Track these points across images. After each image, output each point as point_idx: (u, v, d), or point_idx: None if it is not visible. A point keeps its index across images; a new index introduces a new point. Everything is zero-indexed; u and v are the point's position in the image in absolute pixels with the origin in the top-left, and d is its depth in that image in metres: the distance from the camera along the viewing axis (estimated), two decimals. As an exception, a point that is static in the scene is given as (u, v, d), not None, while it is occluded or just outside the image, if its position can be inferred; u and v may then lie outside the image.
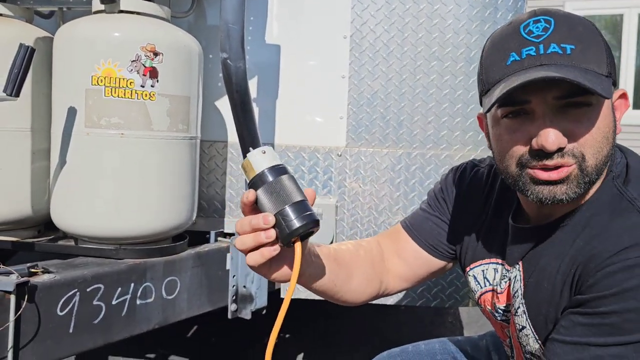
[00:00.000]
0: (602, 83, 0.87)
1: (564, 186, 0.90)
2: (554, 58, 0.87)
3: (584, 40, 0.89)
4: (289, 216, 0.84)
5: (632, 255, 0.82)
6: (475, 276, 1.20)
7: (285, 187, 0.86)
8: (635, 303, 0.80)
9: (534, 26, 0.90)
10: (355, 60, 2.02)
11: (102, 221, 1.64)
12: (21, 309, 1.34)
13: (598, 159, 0.91)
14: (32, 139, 1.74)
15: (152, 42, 1.60)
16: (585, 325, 0.85)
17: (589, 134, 0.89)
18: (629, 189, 0.92)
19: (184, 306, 1.77)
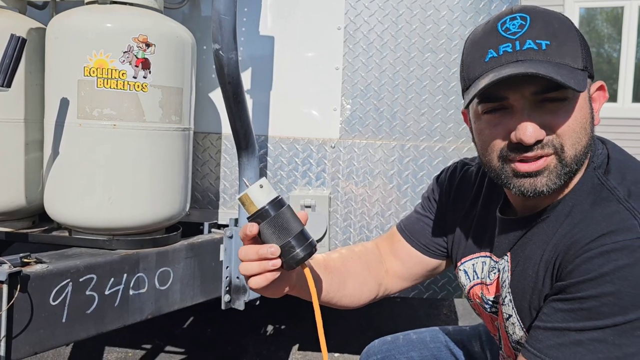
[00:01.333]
0: (577, 77, 0.89)
1: (543, 178, 0.93)
2: (530, 54, 0.90)
3: (559, 35, 0.91)
4: (293, 248, 0.93)
5: (608, 241, 0.84)
6: (466, 270, 1.23)
7: (287, 221, 0.94)
8: (611, 287, 0.81)
9: (511, 23, 0.93)
10: (349, 52, 2.02)
11: (95, 212, 1.65)
12: (13, 298, 1.35)
13: (577, 150, 0.93)
14: (25, 130, 1.74)
15: (144, 33, 1.60)
16: (565, 311, 0.86)
17: (567, 126, 0.91)
18: (609, 178, 0.94)
19: (177, 297, 1.78)
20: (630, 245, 0.82)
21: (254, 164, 1.87)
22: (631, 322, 0.80)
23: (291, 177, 2.07)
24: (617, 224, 0.85)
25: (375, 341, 1.62)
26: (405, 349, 1.53)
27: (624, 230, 0.84)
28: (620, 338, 0.81)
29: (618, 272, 0.81)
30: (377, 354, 1.55)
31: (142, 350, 2.89)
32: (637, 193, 0.90)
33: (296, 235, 0.94)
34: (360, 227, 2.04)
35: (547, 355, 0.86)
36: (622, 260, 0.81)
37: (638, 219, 0.85)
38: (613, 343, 0.81)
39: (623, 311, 0.80)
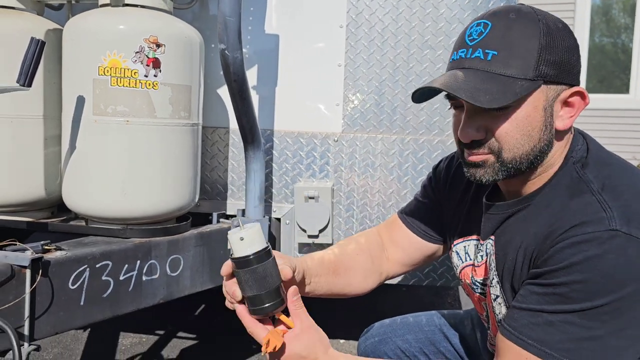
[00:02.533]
0: (508, 89, 0.96)
1: (481, 170, 1.05)
2: (475, 62, 0.99)
3: (512, 45, 0.98)
4: (262, 301, 1.03)
5: (579, 232, 0.91)
6: (458, 252, 1.32)
7: (264, 275, 1.02)
8: (579, 275, 0.88)
9: (475, 29, 1.02)
10: (350, 49, 2.10)
11: (110, 203, 1.75)
12: (36, 282, 1.45)
13: (516, 154, 1.02)
14: (44, 126, 1.85)
15: (154, 34, 1.69)
16: (539, 294, 0.94)
17: (504, 131, 1.00)
18: (586, 172, 1.01)
19: (187, 283, 1.89)
20: (599, 237, 0.88)
21: (259, 157, 1.96)
22: (598, 307, 0.87)
23: (296, 169, 2.16)
24: (589, 215, 0.92)
25: (374, 324, 1.70)
26: (401, 332, 1.62)
27: (594, 222, 0.90)
28: (588, 321, 0.88)
29: (587, 262, 0.88)
30: (375, 337, 1.64)
31: (155, 335, 3.01)
32: (610, 186, 0.96)
33: (268, 291, 1.02)
34: (362, 218, 2.13)
35: (521, 332, 0.94)
36: (591, 251, 0.88)
37: (607, 211, 0.91)
38: (581, 325, 0.88)
39: (591, 297, 0.87)
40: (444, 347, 1.58)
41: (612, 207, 0.92)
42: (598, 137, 1.12)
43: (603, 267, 0.87)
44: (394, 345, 1.59)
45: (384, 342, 1.60)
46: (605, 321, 0.87)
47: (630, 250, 0.87)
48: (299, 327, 1.05)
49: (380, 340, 1.61)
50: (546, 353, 0.90)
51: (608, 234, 0.88)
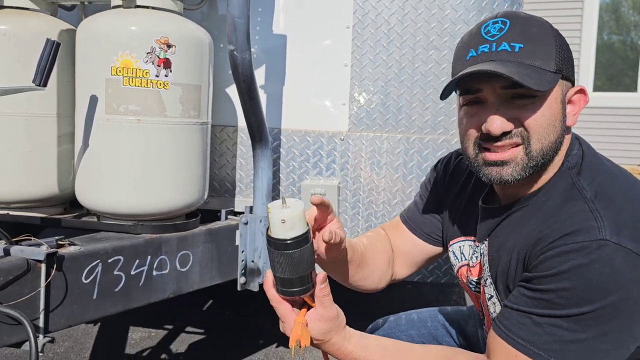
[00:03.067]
0: (542, 78, 0.99)
1: (509, 168, 1.04)
2: (503, 55, 1.02)
3: (534, 40, 1.02)
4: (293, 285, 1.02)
5: (569, 241, 0.93)
6: (454, 252, 1.34)
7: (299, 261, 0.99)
8: (567, 283, 0.92)
9: (492, 27, 1.05)
10: (357, 49, 2.14)
11: (122, 199, 1.80)
12: (50, 276, 1.50)
13: (543, 144, 1.03)
14: (58, 124, 1.89)
15: (165, 35, 1.73)
16: (529, 297, 0.97)
17: (533, 120, 1.02)
18: (580, 179, 1.03)
19: (197, 278, 1.93)
20: (587, 247, 0.91)
21: (267, 155, 2.00)
22: (584, 314, 0.91)
23: (303, 167, 2.20)
24: (580, 224, 0.94)
25: (379, 320, 1.74)
26: (405, 328, 1.65)
27: (584, 232, 0.93)
28: (574, 325, 0.92)
29: (574, 271, 0.91)
30: (379, 332, 1.67)
31: (164, 330, 3.06)
32: (602, 195, 0.98)
33: (300, 276, 1.01)
34: (368, 215, 2.17)
35: (510, 331, 0.98)
36: (579, 260, 0.91)
37: (598, 220, 0.93)
38: (567, 329, 0.92)
39: (577, 304, 0.91)
40: (446, 343, 1.61)
41: (604, 216, 0.94)
42: (606, 136, 1.14)
43: (589, 276, 0.90)
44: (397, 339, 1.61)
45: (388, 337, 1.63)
46: (590, 326, 0.91)
47: (617, 260, 0.90)
48: (321, 313, 1.06)
49: (384, 335, 1.64)
50: (534, 352, 0.94)
51: (597, 243, 0.91)
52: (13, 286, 1.43)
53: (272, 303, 1.09)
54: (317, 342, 1.08)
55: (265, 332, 2.98)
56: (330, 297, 1.08)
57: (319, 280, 1.06)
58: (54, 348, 2.79)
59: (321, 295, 1.06)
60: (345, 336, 1.10)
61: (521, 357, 0.96)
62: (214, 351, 2.84)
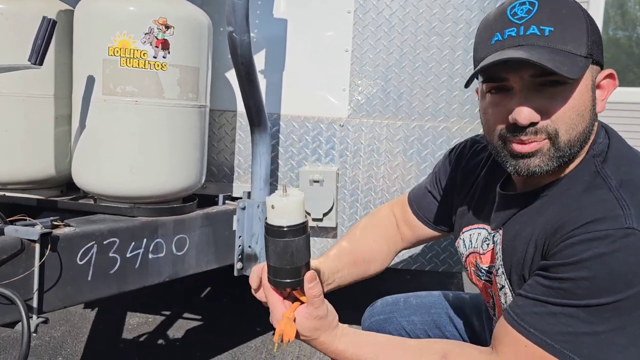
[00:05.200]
0: (575, 63, 0.94)
1: (537, 159, 0.99)
2: (532, 39, 0.95)
3: (565, 22, 0.96)
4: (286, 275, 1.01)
5: (592, 229, 0.88)
6: (464, 240, 1.30)
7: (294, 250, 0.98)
8: (587, 272, 0.87)
9: (519, 8, 0.98)
10: (358, 35, 2.11)
11: (118, 181, 1.79)
12: (45, 256, 1.49)
13: (572, 135, 0.98)
14: (55, 105, 1.88)
15: (164, 16, 1.71)
16: (546, 286, 0.93)
17: (562, 111, 0.96)
18: (605, 167, 0.98)
19: (193, 262, 1.92)
20: (612, 235, 0.86)
21: (266, 140, 1.99)
22: (602, 305, 0.86)
23: (302, 153, 2.18)
24: (604, 212, 0.90)
25: (377, 301, 1.71)
26: (407, 312, 1.61)
27: (608, 220, 0.88)
28: (590, 317, 0.87)
29: (596, 260, 0.86)
30: (380, 315, 1.64)
31: (161, 316, 3.06)
32: (628, 183, 0.93)
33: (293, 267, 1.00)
34: (367, 202, 2.15)
35: (523, 320, 0.94)
36: (601, 249, 0.86)
37: (625, 209, 0.89)
38: (583, 320, 0.88)
39: (596, 295, 0.86)
40: (449, 332, 1.58)
41: (630, 204, 0.89)
42: None
43: (612, 265, 0.85)
44: (398, 325, 1.59)
45: (389, 321, 1.60)
46: (608, 318, 0.87)
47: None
48: (310, 312, 1.05)
49: (385, 319, 1.61)
50: (546, 343, 0.90)
51: (622, 232, 0.86)
52: (6, 266, 1.42)
53: (265, 291, 1.08)
54: (305, 339, 1.07)
55: (263, 319, 2.97)
56: (320, 297, 1.06)
57: (306, 279, 1.03)
58: (50, 332, 2.79)
59: (311, 295, 1.05)
60: (337, 335, 1.08)
61: (531, 347, 0.91)
62: (211, 337, 2.84)
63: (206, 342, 2.79)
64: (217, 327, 2.97)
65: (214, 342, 2.77)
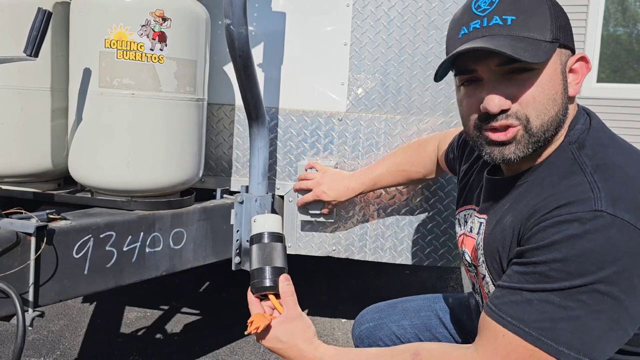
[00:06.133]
0: (538, 49, 0.96)
1: (512, 146, 1.02)
2: (495, 29, 0.99)
3: (527, 10, 0.99)
4: (264, 277, 1.15)
5: (563, 212, 0.90)
6: (459, 219, 1.35)
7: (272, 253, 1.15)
8: (559, 254, 0.88)
9: (482, 1, 1.01)
10: (357, 28, 2.10)
11: (115, 175, 1.78)
12: (40, 249, 1.49)
13: (544, 120, 1.00)
14: (52, 98, 1.87)
15: (160, 8, 1.70)
16: (521, 273, 0.94)
17: (532, 96, 0.99)
18: (581, 154, 1.00)
19: (190, 256, 1.92)
20: (582, 217, 0.88)
21: (264, 134, 1.97)
22: (576, 287, 0.87)
23: (300, 147, 2.17)
24: (575, 195, 0.91)
25: (367, 308, 1.70)
26: (396, 317, 1.62)
27: (578, 203, 0.90)
28: (566, 301, 0.88)
29: (567, 241, 0.88)
30: (369, 322, 1.64)
31: (159, 310, 3.06)
32: (603, 167, 0.95)
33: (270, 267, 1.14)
34: (364, 196, 2.14)
35: (500, 310, 0.94)
36: (572, 230, 0.88)
37: (595, 191, 0.90)
38: (559, 305, 0.88)
39: (569, 277, 0.87)
40: (440, 333, 1.58)
41: (601, 188, 0.90)
42: (611, 127, 1.09)
43: (582, 247, 0.86)
44: (389, 331, 1.59)
45: (379, 328, 1.61)
46: (583, 301, 0.87)
47: (612, 231, 0.86)
48: (285, 314, 1.13)
49: (375, 326, 1.62)
50: (524, 331, 0.90)
51: (592, 214, 0.87)
52: (2, 259, 1.42)
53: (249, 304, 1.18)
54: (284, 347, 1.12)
55: (261, 314, 2.97)
56: (293, 298, 1.15)
57: (281, 279, 1.16)
58: (48, 326, 2.79)
59: (285, 295, 1.14)
60: (313, 344, 1.14)
61: (509, 336, 0.92)
62: (210, 332, 2.84)
63: (204, 336, 2.79)
64: (215, 321, 2.97)
65: (213, 336, 2.77)
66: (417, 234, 2.13)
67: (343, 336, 2.86)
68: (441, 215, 2.11)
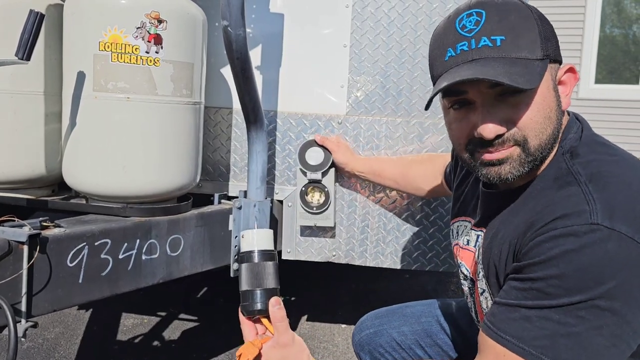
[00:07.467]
0: (532, 70, 0.92)
1: (507, 166, 0.98)
2: (485, 51, 0.93)
3: (515, 28, 0.94)
4: (255, 299, 1.08)
5: (559, 225, 0.87)
6: (454, 229, 1.32)
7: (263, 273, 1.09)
8: (556, 270, 0.85)
9: (467, 20, 0.95)
10: (356, 30, 2.07)
11: (110, 181, 1.73)
12: (33, 258, 1.44)
13: (542, 139, 0.96)
14: (45, 102, 1.83)
15: (156, 10, 1.66)
16: (519, 289, 0.91)
17: (528, 118, 0.95)
18: (575, 163, 0.96)
19: (188, 263, 1.87)
20: (578, 231, 0.84)
21: (262, 137, 1.93)
22: (575, 304, 0.84)
23: (299, 151, 2.13)
24: (571, 207, 0.88)
25: (367, 315, 1.68)
26: (397, 324, 1.59)
27: (574, 215, 0.86)
28: (565, 317, 0.84)
29: (563, 257, 0.84)
30: (370, 328, 1.62)
31: (156, 317, 3.02)
32: (597, 177, 0.92)
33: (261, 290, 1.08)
34: (365, 200, 2.10)
35: (498, 328, 0.91)
36: (568, 246, 0.84)
37: (590, 204, 0.87)
38: (558, 322, 0.85)
39: (568, 293, 0.84)
40: (440, 339, 1.56)
41: (597, 199, 0.87)
42: (608, 128, 1.07)
43: (579, 262, 0.83)
44: (389, 337, 1.57)
45: (379, 334, 1.58)
46: (583, 317, 0.84)
47: (610, 245, 0.83)
48: (276, 340, 1.07)
49: (375, 332, 1.59)
50: (523, 350, 0.87)
51: (587, 227, 0.84)
52: (-7, 268, 1.37)
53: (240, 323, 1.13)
54: None
55: (260, 320, 2.93)
56: (285, 323, 1.08)
57: (271, 303, 1.08)
58: (44, 334, 2.74)
59: (275, 320, 1.08)
60: None
61: (510, 356, 0.88)
62: (207, 339, 2.79)
63: (202, 343, 2.74)
64: (213, 328, 2.93)
65: (210, 343, 2.73)
66: (418, 239, 2.10)
67: (343, 342, 2.82)
68: (443, 220, 2.08)
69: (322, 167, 1.99)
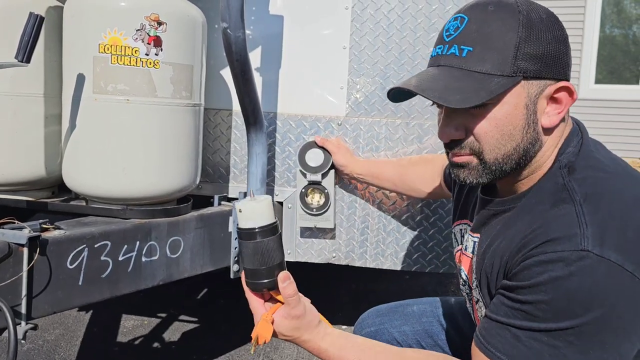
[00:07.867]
0: (486, 86, 0.92)
1: (465, 171, 1.02)
2: (450, 60, 0.96)
3: (490, 39, 0.93)
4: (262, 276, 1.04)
5: (549, 249, 0.86)
6: (455, 234, 1.31)
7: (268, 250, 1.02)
8: (544, 295, 0.85)
9: (451, 24, 0.99)
10: (356, 32, 2.07)
11: (110, 183, 1.73)
12: (33, 260, 1.44)
13: (498, 155, 0.97)
14: (45, 104, 1.83)
15: (156, 12, 1.66)
16: (508, 307, 0.92)
17: (484, 131, 0.96)
18: (571, 179, 0.95)
19: (188, 265, 1.87)
20: (567, 258, 0.84)
21: (262, 139, 1.94)
22: (563, 329, 0.84)
23: (299, 153, 2.13)
24: (562, 230, 0.87)
25: (368, 312, 1.68)
26: (397, 323, 1.59)
27: (564, 240, 0.86)
28: (554, 341, 0.85)
29: (552, 283, 0.84)
30: (370, 326, 1.62)
31: (157, 318, 3.02)
32: (593, 197, 0.90)
33: (267, 267, 1.03)
34: (365, 202, 2.10)
35: (489, 343, 0.93)
36: (557, 272, 0.84)
37: (582, 227, 0.86)
38: (547, 343, 0.86)
39: (555, 318, 0.85)
40: (441, 340, 1.56)
41: (589, 222, 0.86)
42: (607, 128, 1.05)
43: (568, 289, 0.83)
44: (390, 336, 1.57)
45: (380, 333, 1.59)
46: (571, 342, 0.85)
47: (598, 273, 0.83)
48: (287, 312, 1.06)
49: (376, 331, 1.60)
50: None
51: (577, 254, 0.83)
52: (-7, 270, 1.37)
53: (246, 295, 1.11)
54: (289, 339, 1.08)
55: (260, 321, 2.93)
56: (296, 297, 1.07)
57: (280, 279, 1.05)
58: (44, 335, 2.74)
59: (286, 295, 1.06)
60: (319, 333, 1.08)
61: None
62: (207, 340, 2.79)
63: (202, 345, 2.74)
64: (213, 329, 2.92)
65: (211, 345, 2.73)
66: (418, 240, 2.10)
67: (343, 343, 2.81)
68: (443, 221, 2.08)
69: (322, 169, 2.00)
